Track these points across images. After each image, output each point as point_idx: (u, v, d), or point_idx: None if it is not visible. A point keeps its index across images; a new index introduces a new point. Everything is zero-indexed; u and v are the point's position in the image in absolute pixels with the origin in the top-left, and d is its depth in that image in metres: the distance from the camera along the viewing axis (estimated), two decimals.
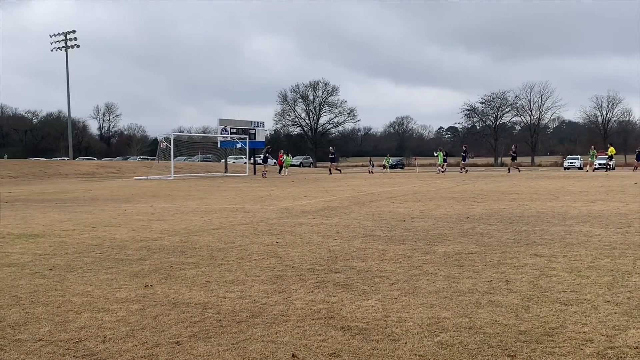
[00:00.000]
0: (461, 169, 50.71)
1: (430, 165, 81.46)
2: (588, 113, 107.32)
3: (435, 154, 53.42)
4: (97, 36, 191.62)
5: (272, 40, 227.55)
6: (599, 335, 5.05)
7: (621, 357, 4.52)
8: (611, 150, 50.29)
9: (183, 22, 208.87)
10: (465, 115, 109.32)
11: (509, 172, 45.32)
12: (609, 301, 6.14)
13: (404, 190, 24.79)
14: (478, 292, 6.67)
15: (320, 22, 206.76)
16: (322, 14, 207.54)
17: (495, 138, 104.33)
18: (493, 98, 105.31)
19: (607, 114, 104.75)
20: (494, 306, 6.04)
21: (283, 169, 50.13)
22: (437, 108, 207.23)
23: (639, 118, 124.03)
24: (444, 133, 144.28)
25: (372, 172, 54.37)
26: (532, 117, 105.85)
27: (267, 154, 48.11)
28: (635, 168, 46.82)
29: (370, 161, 60.68)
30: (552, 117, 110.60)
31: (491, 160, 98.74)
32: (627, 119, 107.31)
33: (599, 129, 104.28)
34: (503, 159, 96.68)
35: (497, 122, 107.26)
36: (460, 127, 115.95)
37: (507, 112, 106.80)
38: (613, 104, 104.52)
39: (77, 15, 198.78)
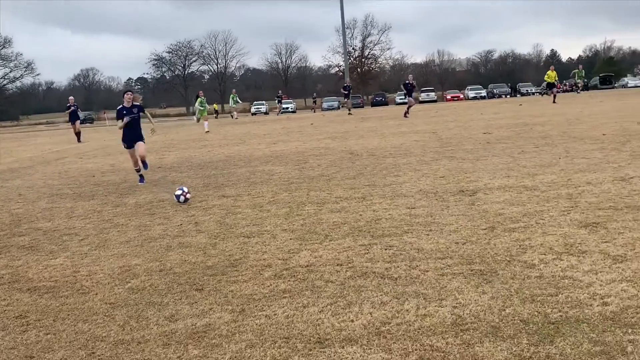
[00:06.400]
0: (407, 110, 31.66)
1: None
2: (270, 60, 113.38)
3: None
4: None
5: None
6: (276, 260, 5.63)
7: (294, 275, 5.12)
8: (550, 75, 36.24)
9: None
10: (154, 65, 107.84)
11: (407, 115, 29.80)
12: (285, 229, 6.83)
13: (93, 146, 23.92)
14: (169, 236, 6.90)
15: None
16: None
17: (185, 87, 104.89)
18: (179, 47, 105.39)
19: (286, 61, 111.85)
20: (184, 247, 6.33)
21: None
22: (124, 58, 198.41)
23: (314, 64, 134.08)
24: (133, 84, 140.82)
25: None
26: (218, 66, 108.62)
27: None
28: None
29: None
30: (237, 65, 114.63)
31: (183, 110, 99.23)
32: (304, 64, 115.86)
33: (280, 75, 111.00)
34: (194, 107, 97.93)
35: (186, 72, 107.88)
36: (150, 77, 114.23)
37: (195, 61, 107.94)
38: (291, 51, 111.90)
39: None
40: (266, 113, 71.22)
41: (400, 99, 70.28)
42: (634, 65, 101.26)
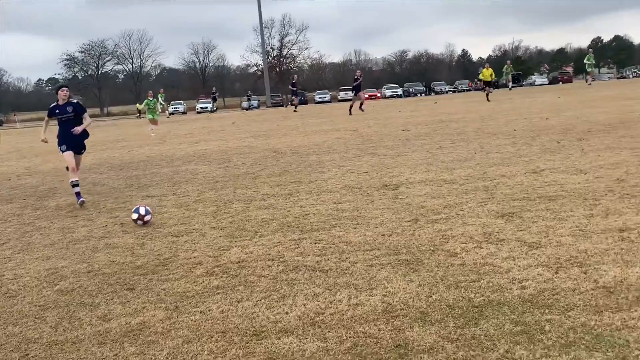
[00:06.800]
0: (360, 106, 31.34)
1: (33, 120, 76.06)
2: (187, 59, 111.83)
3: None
4: None
5: None
6: (207, 257, 5.66)
7: (226, 271, 5.17)
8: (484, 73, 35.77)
9: None
10: (65, 65, 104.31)
11: (287, 107, 33.01)
12: (214, 227, 6.86)
13: (6, 149, 23.01)
14: (94, 238, 6.79)
15: None
16: None
17: (99, 88, 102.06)
18: (92, 47, 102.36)
19: (204, 60, 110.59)
20: (111, 248, 6.25)
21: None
22: (33, 59, 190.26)
23: (232, 63, 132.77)
24: (44, 85, 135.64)
25: None
26: (133, 65, 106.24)
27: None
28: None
29: None
30: (153, 65, 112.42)
31: (97, 110, 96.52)
32: (222, 64, 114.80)
33: (198, 74, 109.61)
34: (108, 108, 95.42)
35: (100, 72, 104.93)
36: (61, 78, 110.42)
37: (109, 60, 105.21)
38: (209, 50, 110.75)
39: None
40: (184, 112, 70.25)
41: (321, 97, 71.07)
42: (541, 64, 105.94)
